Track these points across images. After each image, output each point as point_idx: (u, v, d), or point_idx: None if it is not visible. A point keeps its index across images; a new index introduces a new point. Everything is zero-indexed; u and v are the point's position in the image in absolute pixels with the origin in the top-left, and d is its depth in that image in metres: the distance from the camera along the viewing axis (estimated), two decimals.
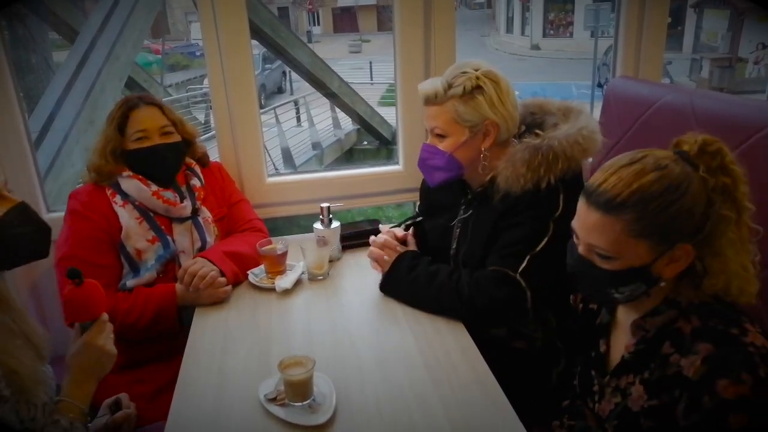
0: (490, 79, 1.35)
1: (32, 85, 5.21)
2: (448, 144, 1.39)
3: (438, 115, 1.37)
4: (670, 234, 0.91)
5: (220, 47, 1.80)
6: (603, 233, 0.93)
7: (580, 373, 1.15)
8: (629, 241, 0.92)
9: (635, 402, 0.97)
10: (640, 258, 0.93)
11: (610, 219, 0.92)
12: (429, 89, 1.37)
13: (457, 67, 1.38)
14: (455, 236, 1.49)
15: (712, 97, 1.51)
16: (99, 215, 1.51)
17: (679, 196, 0.89)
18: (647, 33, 1.97)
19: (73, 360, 1.08)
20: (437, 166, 1.42)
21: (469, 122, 1.36)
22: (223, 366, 1.23)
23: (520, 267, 1.29)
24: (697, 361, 0.87)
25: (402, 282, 1.42)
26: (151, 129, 1.54)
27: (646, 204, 0.90)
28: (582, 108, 1.43)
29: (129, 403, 1.25)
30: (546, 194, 1.30)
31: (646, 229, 0.90)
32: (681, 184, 0.90)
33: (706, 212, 0.91)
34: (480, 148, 1.38)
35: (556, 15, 22.15)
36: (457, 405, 1.08)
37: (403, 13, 1.89)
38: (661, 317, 0.97)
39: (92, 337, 1.08)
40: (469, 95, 1.34)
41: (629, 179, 0.91)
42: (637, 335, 1.00)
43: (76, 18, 5.47)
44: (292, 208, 2.03)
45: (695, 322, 0.92)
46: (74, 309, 1.09)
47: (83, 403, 1.06)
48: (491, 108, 1.34)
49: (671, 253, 0.92)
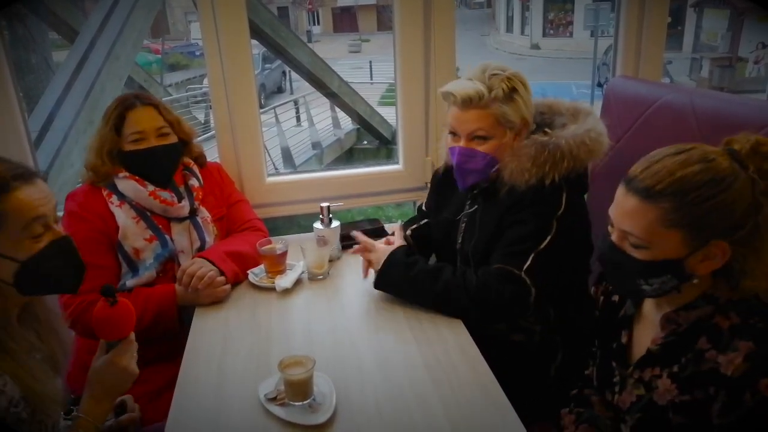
0: (519, 79, 1.37)
1: (32, 84, 5.22)
2: (491, 146, 1.37)
3: (481, 117, 1.35)
4: (705, 228, 0.89)
5: (220, 47, 1.80)
6: (638, 220, 0.91)
7: (599, 364, 1.14)
8: (663, 231, 0.90)
9: (661, 396, 0.96)
10: (673, 250, 0.91)
11: (646, 206, 0.90)
12: (470, 92, 1.33)
13: (485, 69, 1.36)
14: (461, 230, 1.50)
15: (713, 96, 1.51)
16: (95, 216, 1.51)
17: (721, 190, 0.87)
18: (647, 32, 1.97)
19: (96, 376, 1.07)
20: (476, 168, 1.40)
21: (511, 123, 1.36)
22: (223, 366, 1.23)
23: (525, 265, 1.30)
24: (737, 358, 0.85)
25: (400, 279, 1.41)
26: (147, 130, 1.54)
27: (685, 194, 0.88)
28: (591, 110, 1.44)
29: (134, 406, 1.25)
30: (550, 192, 1.31)
31: (681, 219, 0.89)
32: (725, 179, 0.88)
33: (748, 212, 0.88)
34: (511, 146, 1.39)
35: (555, 14, 22.15)
36: (457, 404, 1.08)
37: (402, 13, 1.89)
38: (696, 312, 0.94)
39: (118, 356, 1.07)
40: (509, 96, 1.35)
41: (673, 168, 0.90)
42: (667, 329, 0.98)
43: (75, 18, 5.48)
44: (292, 208, 2.03)
45: (734, 318, 0.90)
46: (105, 328, 1.07)
47: (99, 421, 1.06)
48: (526, 107, 1.37)
49: (706, 250, 0.90)
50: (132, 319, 1.08)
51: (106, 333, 1.07)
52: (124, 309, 1.06)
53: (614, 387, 1.08)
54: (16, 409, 0.87)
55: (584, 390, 1.19)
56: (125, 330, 1.08)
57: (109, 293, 1.04)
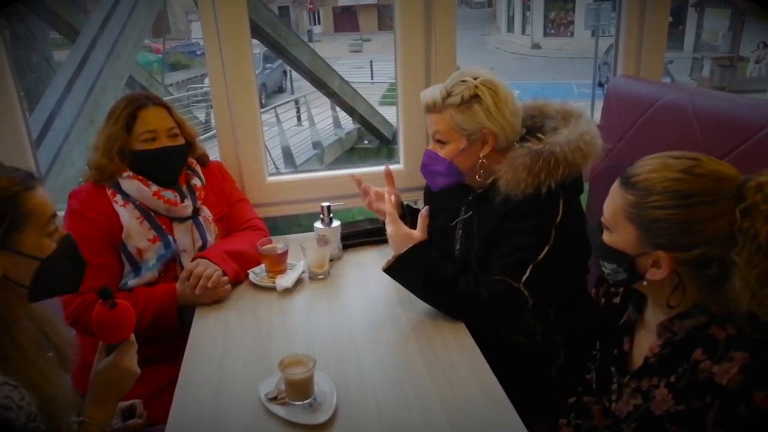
0: (489, 88, 1.34)
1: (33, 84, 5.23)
2: (448, 151, 1.40)
3: (437, 122, 1.39)
4: (655, 234, 0.91)
5: (221, 46, 1.80)
6: (610, 201, 0.98)
7: (598, 369, 1.14)
8: (623, 221, 0.95)
9: (658, 406, 0.95)
10: (627, 243, 0.95)
11: (620, 191, 0.95)
12: (428, 98, 1.39)
13: (458, 75, 1.38)
14: (457, 236, 1.49)
15: (713, 96, 1.51)
16: (99, 214, 1.51)
17: (681, 205, 0.88)
18: (648, 32, 1.97)
19: (99, 379, 1.07)
20: (438, 171, 1.43)
21: (467, 131, 1.36)
22: (223, 365, 1.23)
23: (523, 277, 1.30)
24: (732, 369, 0.85)
25: (417, 277, 1.37)
26: (160, 130, 1.54)
27: (648, 194, 0.91)
28: (581, 112, 1.43)
29: (142, 412, 1.25)
30: (546, 200, 1.30)
31: (637, 217, 0.92)
32: (693, 196, 0.88)
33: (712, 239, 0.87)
34: (478, 155, 1.38)
35: (556, 14, 22.14)
36: (457, 404, 1.08)
37: (403, 13, 1.89)
38: (690, 321, 0.94)
39: (120, 358, 1.07)
40: (466, 105, 1.34)
41: (655, 167, 0.92)
42: (663, 337, 0.98)
43: (76, 17, 5.48)
44: (292, 208, 2.03)
45: (730, 330, 0.90)
46: (106, 331, 1.06)
47: (105, 423, 1.05)
48: (488, 117, 1.34)
49: (655, 256, 0.92)
50: (132, 320, 1.08)
51: (106, 336, 1.07)
52: (124, 311, 1.06)
53: (612, 394, 1.08)
54: (34, 423, 0.87)
55: (583, 398, 1.18)
56: (126, 332, 1.08)
57: (107, 296, 1.04)
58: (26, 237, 0.95)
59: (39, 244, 0.97)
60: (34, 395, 0.90)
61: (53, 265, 0.99)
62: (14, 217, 0.93)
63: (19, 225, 0.94)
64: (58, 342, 1.05)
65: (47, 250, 0.98)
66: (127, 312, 1.07)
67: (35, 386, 0.91)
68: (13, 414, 0.83)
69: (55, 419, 0.93)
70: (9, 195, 0.92)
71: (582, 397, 1.18)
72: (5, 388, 0.85)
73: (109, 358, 1.07)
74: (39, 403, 0.90)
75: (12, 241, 0.93)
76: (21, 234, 0.94)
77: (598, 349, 1.17)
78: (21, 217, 0.94)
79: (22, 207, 0.94)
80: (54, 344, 1.04)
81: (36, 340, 0.99)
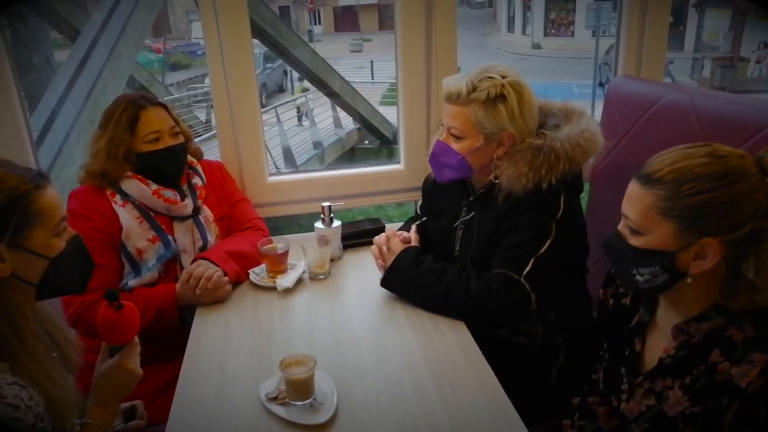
0: (515, 89, 1.32)
1: (34, 84, 5.23)
2: (463, 146, 1.37)
3: (457, 115, 1.35)
4: (697, 222, 0.88)
5: (222, 46, 1.80)
6: (634, 204, 0.94)
7: (606, 369, 1.13)
8: (657, 218, 0.91)
9: (672, 407, 0.95)
10: (666, 241, 0.91)
11: (644, 191, 0.92)
12: (453, 87, 1.33)
13: (484, 69, 1.34)
14: (458, 237, 1.49)
15: (714, 96, 1.51)
16: (98, 215, 1.50)
17: (720, 186, 0.86)
18: (649, 32, 1.96)
19: (102, 381, 1.07)
20: (448, 164, 1.41)
21: (487, 130, 1.34)
22: (224, 365, 1.23)
23: (525, 270, 1.29)
24: (752, 371, 0.84)
25: (406, 278, 1.40)
26: (163, 129, 1.54)
27: (680, 184, 0.88)
28: (583, 109, 1.42)
29: (143, 413, 1.25)
30: (547, 195, 1.30)
31: (673, 209, 0.89)
32: (728, 175, 0.87)
33: (753, 215, 0.86)
34: (492, 155, 1.37)
35: (557, 14, 22.13)
36: (458, 404, 1.08)
37: (404, 13, 1.89)
38: (709, 324, 0.93)
39: (124, 360, 1.07)
40: (491, 102, 1.31)
41: (677, 158, 0.90)
42: (678, 339, 0.97)
43: (77, 17, 5.48)
44: (293, 208, 2.03)
45: (748, 331, 0.89)
46: (112, 333, 1.06)
47: (108, 425, 1.06)
48: (510, 119, 1.32)
49: (698, 246, 0.89)
50: (137, 322, 1.08)
51: (111, 338, 1.07)
52: (130, 313, 1.06)
53: (621, 394, 1.07)
54: (42, 423, 0.87)
55: (587, 398, 1.17)
56: (131, 334, 1.08)
57: (113, 298, 1.04)
58: (36, 236, 0.95)
59: (48, 243, 0.97)
60: (40, 395, 0.90)
61: (62, 264, 0.99)
62: (24, 215, 0.93)
63: (29, 224, 0.94)
64: (62, 343, 1.05)
65: (56, 250, 0.98)
66: (133, 314, 1.07)
67: (42, 386, 0.91)
68: (22, 414, 0.84)
69: (60, 420, 0.93)
70: (19, 193, 0.93)
71: (587, 397, 1.18)
72: (15, 387, 0.85)
73: (113, 359, 1.07)
74: (45, 403, 0.90)
75: (22, 239, 0.93)
76: (31, 233, 0.94)
77: (606, 350, 1.16)
78: (31, 215, 0.94)
79: (32, 206, 0.94)
80: (59, 345, 1.04)
81: (43, 340, 0.99)
